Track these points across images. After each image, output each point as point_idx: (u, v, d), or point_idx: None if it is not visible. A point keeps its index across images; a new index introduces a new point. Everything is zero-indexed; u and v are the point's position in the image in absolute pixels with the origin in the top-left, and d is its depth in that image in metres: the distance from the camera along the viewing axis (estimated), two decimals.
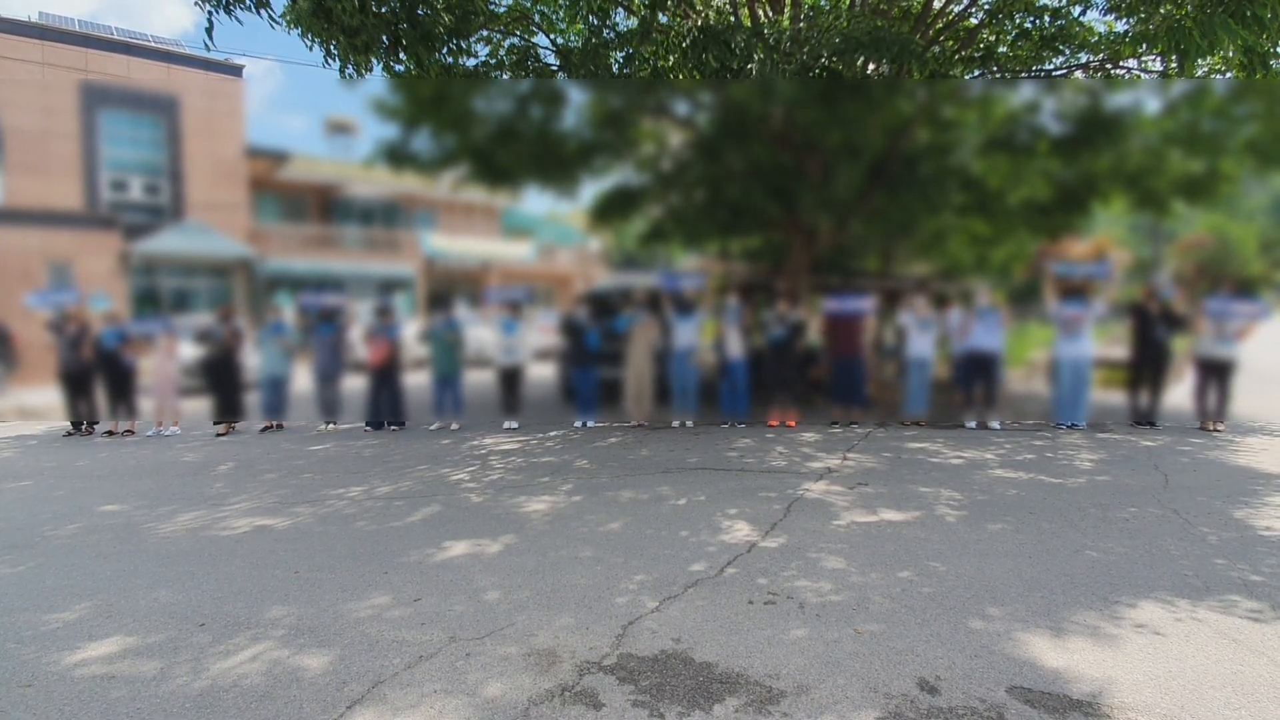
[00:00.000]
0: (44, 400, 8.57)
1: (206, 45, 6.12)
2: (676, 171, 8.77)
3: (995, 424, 7.14)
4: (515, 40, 8.63)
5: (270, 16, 6.18)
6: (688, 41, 6.54)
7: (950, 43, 8.72)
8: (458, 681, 2.35)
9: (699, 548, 3.65)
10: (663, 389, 7.50)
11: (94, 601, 3.09)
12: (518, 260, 18.53)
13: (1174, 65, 6.25)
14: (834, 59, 6.21)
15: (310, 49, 6.46)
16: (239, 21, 6.12)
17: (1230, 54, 5.74)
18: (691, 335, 7.38)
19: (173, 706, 2.24)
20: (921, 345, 7.16)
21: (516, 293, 8.07)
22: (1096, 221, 8.73)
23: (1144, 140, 7.87)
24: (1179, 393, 7.20)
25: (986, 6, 8.29)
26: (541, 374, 8.95)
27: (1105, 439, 6.48)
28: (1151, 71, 8.23)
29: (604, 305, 8.11)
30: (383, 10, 6.20)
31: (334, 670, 2.44)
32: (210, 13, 6.04)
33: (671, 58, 7.29)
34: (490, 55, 8.58)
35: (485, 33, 8.20)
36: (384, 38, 6.27)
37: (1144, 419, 7.02)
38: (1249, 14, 5.35)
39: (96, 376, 7.57)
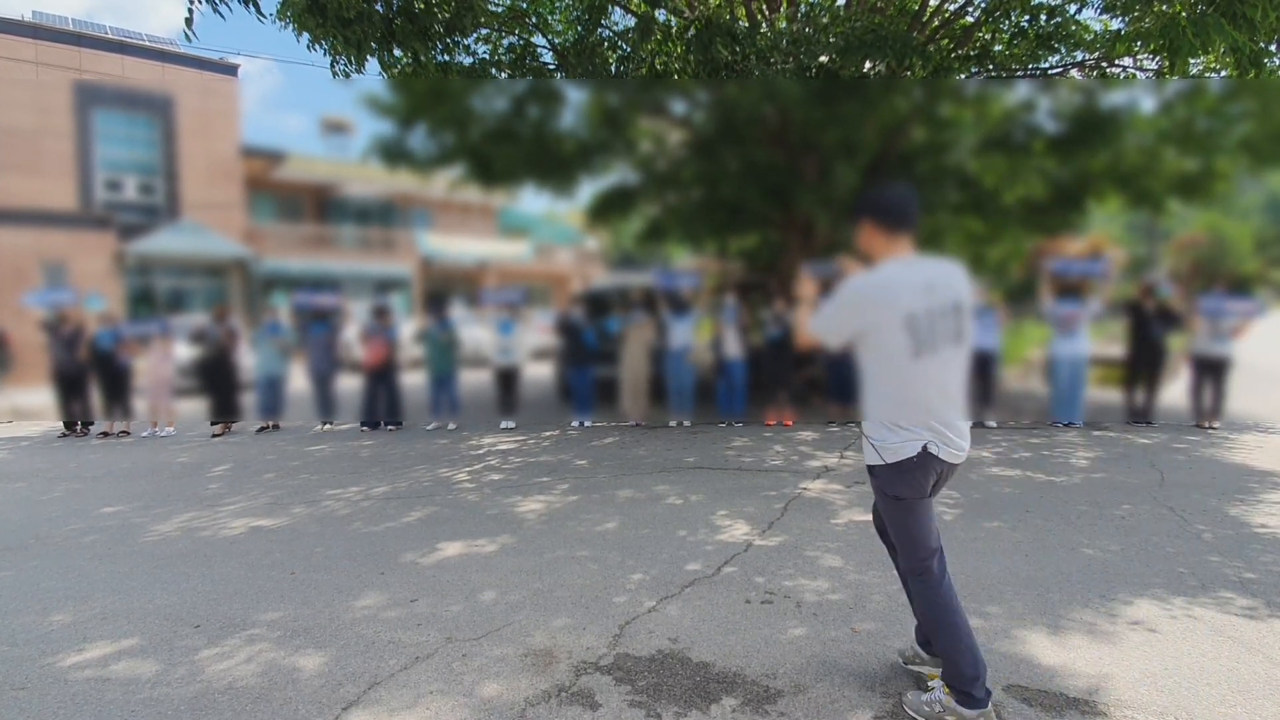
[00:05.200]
0: (38, 401, 8.54)
1: (187, 36, 6.01)
2: (673, 171, 8.76)
3: (992, 422, 7.16)
4: (513, 39, 8.62)
5: (257, 9, 6.10)
6: (691, 33, 6.53)
7: (946, 41, 8.73)
8: (454, 682, 2.34)
9: (696, 547, 3.65)
10: (659, 388, 7.50)
11: (89, 603, 3.08)
12: (514, 259, 18.52)
13: (1166, 63, 6.26)
14: (835, 59, 6.21)
15: (300, 42, 6.42)
16: (221, 16, 6.03)
17: (1223, 52, 5.75)
18: (687, 334, 7.37)
19: (167, 709, 2.23)
20: None
21: (513, 294, 8.05)
22: (1092, 220, 8.76)
23: (1139, 139, 7.89)
24: (1175, 390, 7.22)
25: (983, 5, 8.29)
26: (538, 373, 8.94)
27: (1101, 437, 6.50)
28: (1146, 70, 8.25)
29: (601, 304, 8.10)
30: (378, 6, 6.17)
31: (329, 671, 2.43)
32: (191, 4, 5.95)
33: (675, 51, 7.26)
34: (489, 54, 8.56)
35: (484, 31, 8.18)
36: (379, 31, 6.22)
37: (1140, 417, 7.04)
38: (1239, 15, 5.36)
39: (91, 377, 7.54)
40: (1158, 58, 6.36)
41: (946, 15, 8.70)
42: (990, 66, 8.66)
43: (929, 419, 1.93)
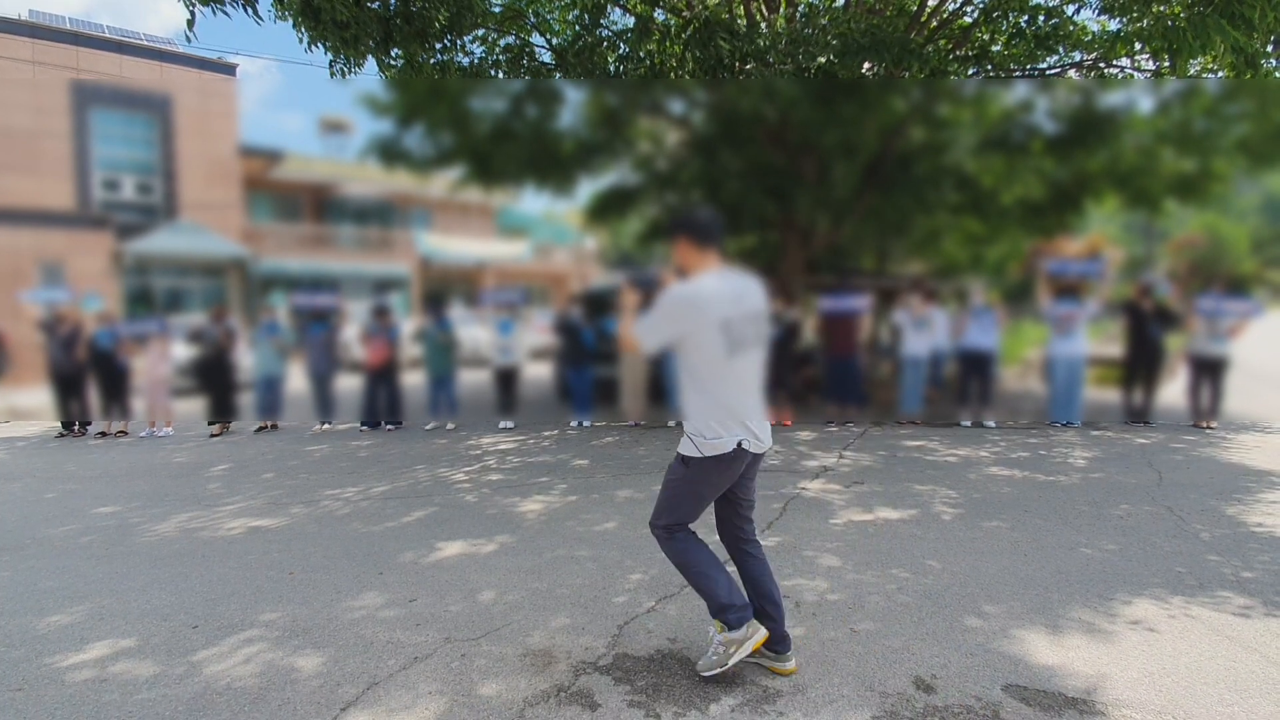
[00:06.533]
0: (35, 401, 8.51)
1: (187, 37, 6.08)
2: (672, 171, 8.76)
3: (990, 422, 7.17)
4: (510, 39, 8.61)
5: (255, 12, 6.12)
6: (689, 32, 6.54)
7: (945, 42, 8.74)
8: (453, 683, 2.34)
9: None
10: (658, 388, 7.50)
11: (86, 604, 3.07)
12: (513, 259, 18.48)
13: (1166, 65, 6.27)
14: (833, 60, 6.22)
15: (301, 40, 6.41)
16: (226, 15, 6.05)
17: (1221, 53, 5.76)
18: None
19: (165, 710, 2.22)
20: (916, 344, 7.19)
21: (512, 294, 8.05)
22: (1090, 220, 8.77)
23: (1136, 139, 7.90)
24: (1172, 390, 7.24)
25: (981, 5, 8.30)
26: (538, 373, 8.94)
27: (1099, 437, 6.51)
28: (1144, 71, 8.27)
29: (600, 304, 8.10)
30: (374, 5, 6.17)
31: (328, 672, 2.43)
32: (193, 7, 5.99)
33: (674, 50, 7.26)
34: (486, 53, 8.55)
35: (481, 32, 8.17)
36: (376, 33, 6.23)
37: (1138, 417, 7.06)
38: (1238, 15, 5.37)
39: (89, 377, 7.52)
40: (1155, 58, 6.38)
41: (944, 16, 8.71)
42: (988, 67, 8.67)
43: (742, 417, 2.20)
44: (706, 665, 2.30)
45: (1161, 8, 5.96)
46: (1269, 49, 6.32)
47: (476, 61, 8.38)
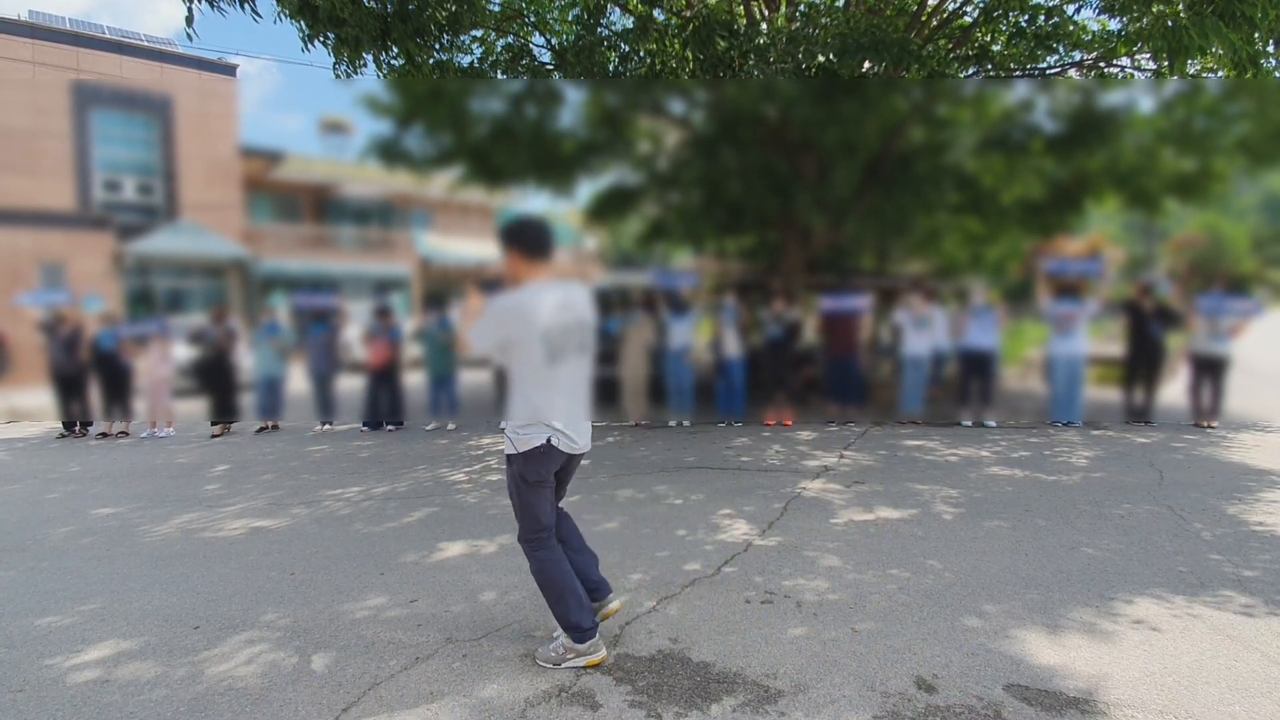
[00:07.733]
0: (36, 402, 8.52)
1: (189, 35, 6.09)
2: (673, 171, 8.76)
3: (991, 422, 7.17)
4: (509, 39, 8.61)
5: (254, 9, 6.12)
6: (689, 30, 6.55)
7: (945, 41, 8.74)
8: (455, 683, 2.34)
9: (696, 547, 3.65)
10: (659, 388, 7.50)
11: (87, 605, 3.07)
12: None
13: (1165, 64, 6.26)
14: (832, 59, 6.22)
15: (302, 38, 6.40)
16: (221, 13, 6.04)
17: (1219, 53, 5.75)
18: (687, 334, 7.37)
19: (167, 711, 2.22)
20: (917, 344, 7.19)
21: None
22: (1090, 220, 8.77)
23: (1137, 139, 7.90)
24: (1173, 390, 7.24)
25: (981, 4, 8.30)
26: None
27: (1100, 436, 6.51)
28: (1144, 71, 8.27)
29: (600, 304, 8.08)
30: (372, 4, 6.17)
31: (330, 673, 2.43)
32: (190, 4, 5.99)
33: (674, 50, 7.26)
34: (485, 54, 8.56)
35: (479, 32, 8.17)
36: (374, 30, 6.22)
37: (1139, 416, 7.05)
38: (1239, 14, 5.35)
39: (90, 377, 7.53)
40: (1155, 58, 6.36)
41: (945, 15, 8.71)
42: (989, 66, 8.67)
43: (556, 419, 2.32)
44: (544, 656, 2.45)
45: (1162, 7, 5.95)
46: (1269, 48, 6.30)
47: (476, 61, 8.38)
